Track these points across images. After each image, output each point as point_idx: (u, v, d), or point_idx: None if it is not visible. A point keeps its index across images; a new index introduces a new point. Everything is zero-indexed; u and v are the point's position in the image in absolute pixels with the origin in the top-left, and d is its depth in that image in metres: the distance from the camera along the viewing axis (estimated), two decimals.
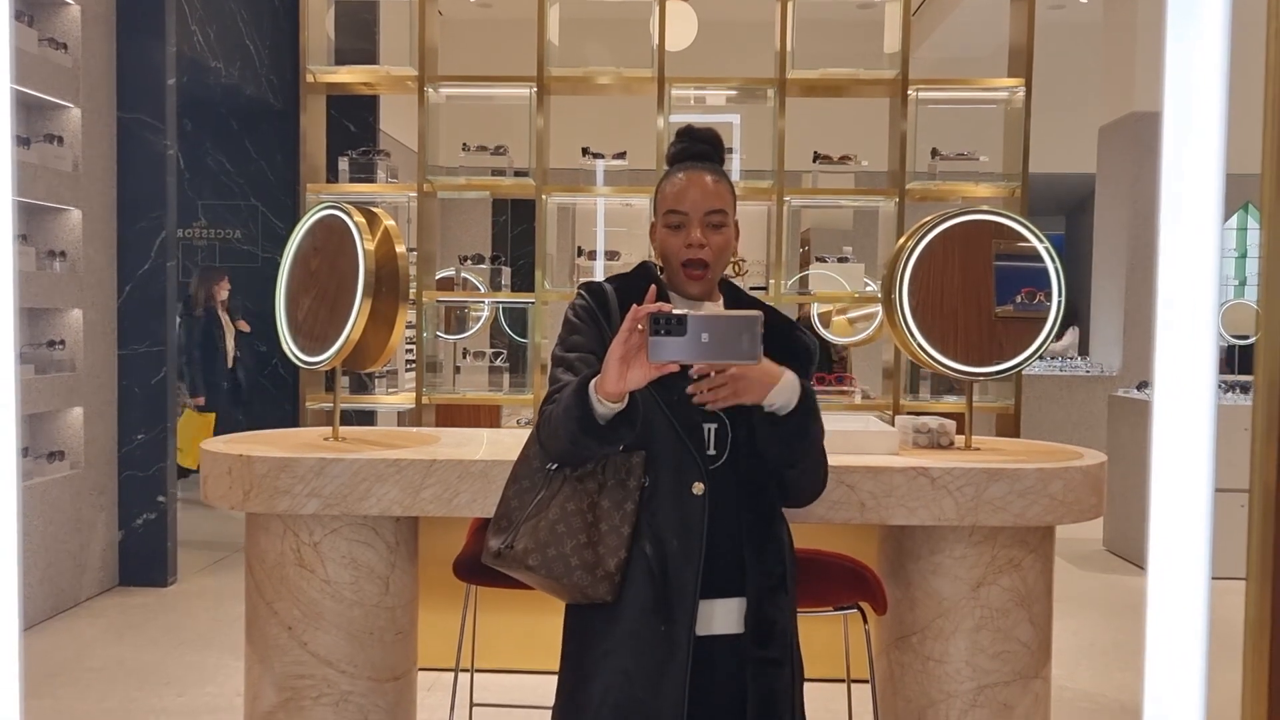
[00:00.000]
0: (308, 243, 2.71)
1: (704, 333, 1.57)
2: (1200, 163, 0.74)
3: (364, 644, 2.44)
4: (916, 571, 2.49)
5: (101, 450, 4.95)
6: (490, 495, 2.34)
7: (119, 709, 3.53)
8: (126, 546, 5.08)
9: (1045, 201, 12.12)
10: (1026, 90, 4.44)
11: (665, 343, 1.57)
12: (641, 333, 1.58)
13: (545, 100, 4.62)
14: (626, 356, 1.60)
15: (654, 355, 1.57)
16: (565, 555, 1.75)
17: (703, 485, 1.76)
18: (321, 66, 4.74)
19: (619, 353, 1.60)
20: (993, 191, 4.59)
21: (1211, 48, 0.71)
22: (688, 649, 1.74)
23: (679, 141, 1.93)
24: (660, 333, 1.57)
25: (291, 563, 2.41)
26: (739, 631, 1.82)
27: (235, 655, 4.04)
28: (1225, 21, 0.70)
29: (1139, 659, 1.96)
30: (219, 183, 8.21)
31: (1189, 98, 0.76)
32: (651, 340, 1.57)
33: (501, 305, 6.19)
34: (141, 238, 5.04)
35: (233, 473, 2.40)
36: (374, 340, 2.63)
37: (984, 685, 2.43)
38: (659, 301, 1.62)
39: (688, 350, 1.58)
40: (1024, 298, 2.77)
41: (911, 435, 2.69)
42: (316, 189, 4.66)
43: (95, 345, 4.88)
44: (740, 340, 1.59)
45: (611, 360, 1.61)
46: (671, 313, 1.57)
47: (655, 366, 1.59)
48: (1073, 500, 2.37)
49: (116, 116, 5.01)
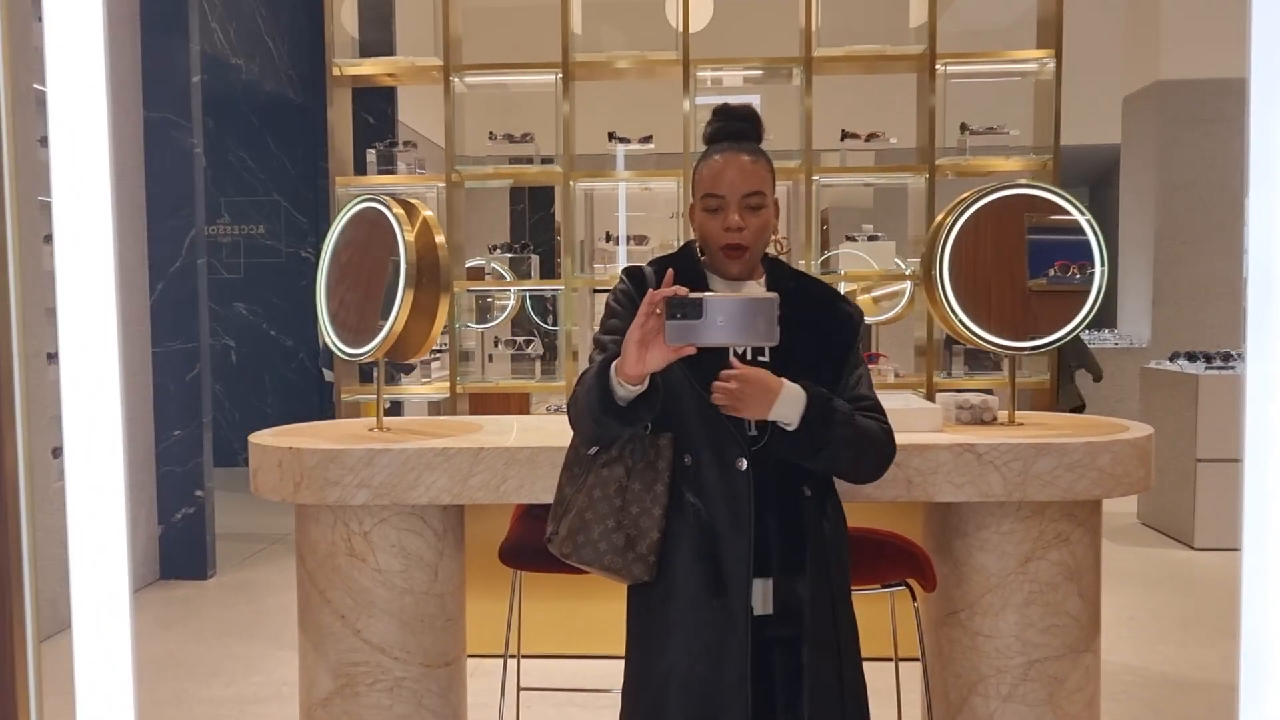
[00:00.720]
0: (344, 236, 2.73)
1: (720, 315, 1.59)
2: None
3: (415, 630, 2.46)
4: (963, 548, 2.49)
5: (139, 447, 5.00)
6: (537, 481, 2.35)
7: (172, 700, 3.58)
8: (166, 541, 5.13)
9: (1069, 173, 12.00)
10: (1057, 61, 4.39)
11: (682, 326, 1.58)
12: (659, 316, 1.60)
13: (570, 86, 4.62)
14: (645, 340, 1.61)
15: (671, 338, 1.59)
16: (593, 541, 1.78)
17: (745, 461, 1.77)
18: (346, 59, 4.75)
19: (637, 336, 1.62)
20: (1023, 165, 4.55)
21: None
22: (746, 624, 1.75)
23: (715, 120, 1.91)
24: (677, 316, 1.58)
25: (343, 552, 2.43)
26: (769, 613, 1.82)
27: (279, 645, 4.08)
28: None
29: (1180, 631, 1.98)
30: (241, 179, 8.26)
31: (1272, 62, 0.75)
32: (668, 324, 1.59)
33: (528, 293, 6.20)
34: (171, 236, 5.07)
35: (283, 465, 2.42)
36: (415, 331, 2.64)
37: (1034, 660, 2.43)
38: (689, 285, 1.64)
39: (704, 333, 1.59)
40: (1057, 271, 2.76)
41: (954, 412, 2.68)
42: (345, 182, 4.67)
43: (129, 344, 4.92)
44: (756, 323, 1.60)
45: (630, 343, 1.62)
46: (687, 296, 1.58)
47: (673, 350, 1.60)
48: (1121, 473, 2.37)
49: (143, 115, 5.04)
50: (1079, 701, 2.46)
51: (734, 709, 1.75)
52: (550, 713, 3.42)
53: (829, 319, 1.91)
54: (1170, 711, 3.43)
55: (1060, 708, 2.44)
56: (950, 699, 2.54)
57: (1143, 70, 7.97)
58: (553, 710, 3.44)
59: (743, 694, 1.75)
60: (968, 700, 2.50)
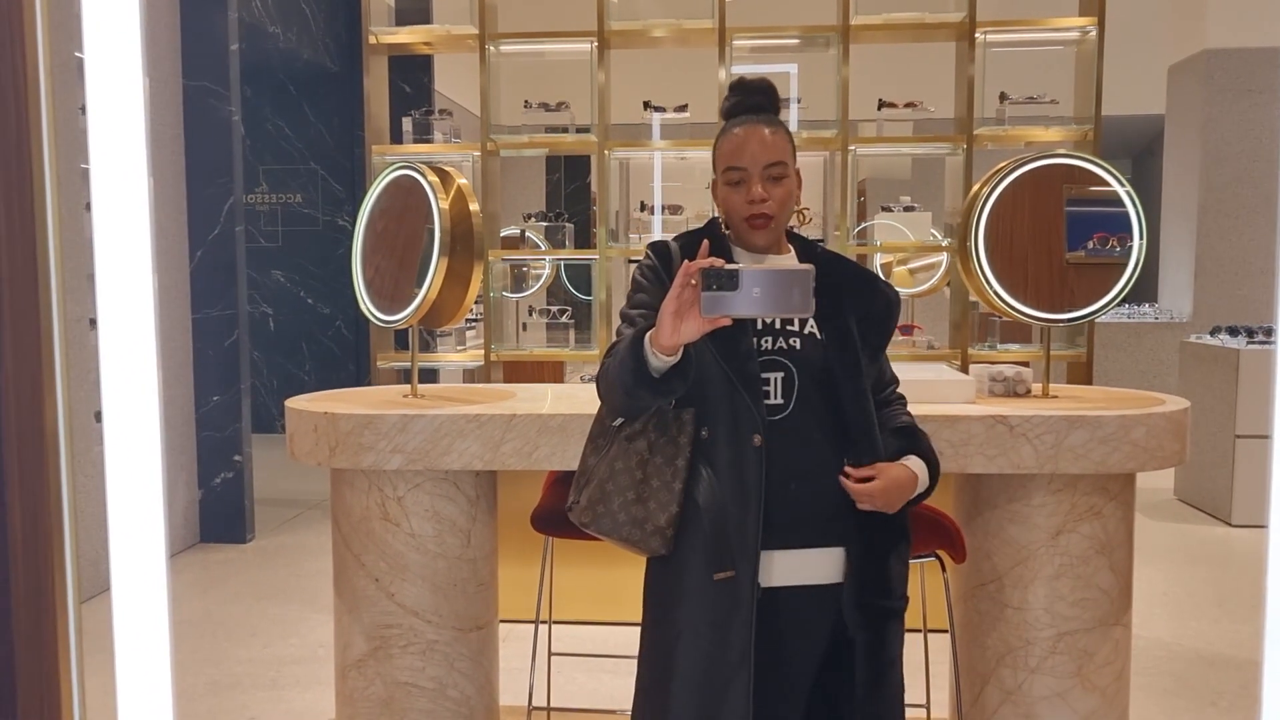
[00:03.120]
0: (379, 203, 2.75)
1: (755, 287, 1.59)
2: None
3: (448, 595, 2.50)
4: (994, 520, 2.48)
5: (179, 412, 5.08)
6: (569, 449, 2.38)
7: (210, 660, 3.66)
8: (206, 505, 5.23)
9: (1112, 144, 11.81)
10: (1100, 30, 4.31)
11: (717, 297, 1.59)
12: (694, 288, 1.60)
13: (606, 55, 4.60)
14: (680, 311, 1.62)
15: (706, 310, 1.60)
16: (613, 512, 1.80)
17: (760, 437, 1.77)
18: (382, 28, 4.76)
19: (672, 307, 1.62)
20: (1064, 135, 4.48)
21: None
22: (751, 600, 1.76)
23: (732, 95, 1.93)
24: (712, 288, 1.59)
25: (377, 517, 2.47)
26: (837, 581, 1.84)
27: (315, 609, 4.16)
28: None
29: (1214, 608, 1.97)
30: (278, 148, 8.32)
31: None
32: (704, 295, 1.59)
33: (562, 262, 6.21)
34: (210, 204, 5.13)
35: (318, 430, 2.46)
36: (449, 298, 2.67)
37: (1064, 632, 2.43)
38: (718, 257, 1.64)
39: (740, 304, 1.60)
40: (1096, 243, 2.73)
41: (987, 384, 2.67)
42: (381, 150, 4.69)
43: (169, 310, 5.00)
44: (792, 294, 1.60)
45: (665, 314, 1.63)
46: (723, 268, 1.59)
47: (708, 320, 1.61)
48: (1155, 446, 2.35)
49: (182, 84, 5.08)
50: (1108, 675, 2.46)
51: (737, 683, 1.76)
52: (581, 678, 3.46)
53: (870, 300, 1.91)
54: (1202, 686, 3.41)
55: (1089, 680, 2.44)
56: (978, 670, 2.55)
57: (1189, 39, 7.80)
58: (583, 675, 3.48)
59: (745, 669, 1.76)
60: (996, 672, 2.50)
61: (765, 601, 1.79)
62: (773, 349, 1.83)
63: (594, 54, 4.61)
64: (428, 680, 2.50)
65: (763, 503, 1.77)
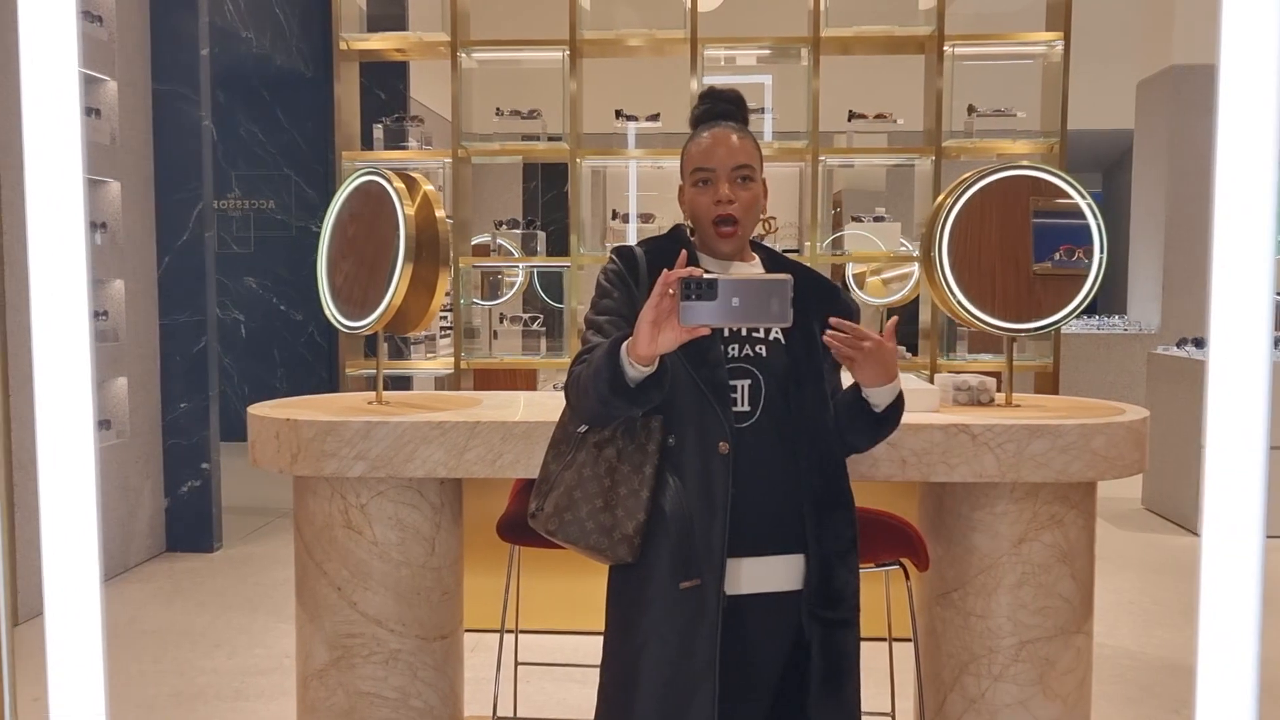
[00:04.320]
0: (346, 209, 2.74)
1: (734, 297, 1.59)
2: (1256, 114, 0.74)
3: (411, 603, 2.48)
4: (958, 528, 2.50)
5: (146, 419, 5.04)
6: (534, 456, 2.37)
7: (173, 670, 3.62)
8: (173, 513, 5.18)
9: (1082, 158, 11.94)
10: (1065, 44, 4.36)
11: (696, 307, 1.59)
12: (673, 297, 1.60)
13: (578, 64, 4.61)
14: (658, 320, 1.61)
15: (685, 319, 1.60)
16: (581, 520, 1.79)
17: (728, 445, 1.77)
18: (354, 34, 4.75)
19: (650, 316, 1.62)
20: (1031, 148, 4.53)
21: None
22: (717, 609, 1.76)
23: (702, 103, 1.94)
24: (691, 297, 1.59)
25: (339, 524, 2.45)
26: (798, 588, 1.84)
27: (281, 618, 4.12)
28: None
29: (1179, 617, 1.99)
30: (251, 153, 8.27)
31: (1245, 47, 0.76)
32: (683, 304, 1.59)
33: (536, 270, 6.21)
34: (179, 209, 5.09)
35: (280, 437, 2.44)
36: (415, 305, 2.66)
37: (1026, 640, 2.44)
38: (690, 266, 1.64)
39: (718, 314, 1.60)
40: (1063, 255, 2.75)
41: (952, 393, 2.68)
42: (352, 156, 4.68)
43: (137, 315, 4.95)
44: (770, 304, 1.60)
45: (643, 323, 1.62)
46: (702, 277, 1.59)
47: (686, 330, 1.61)
48: (1115, 455, 2.37)
49: (152, 89, 5.05)
50: (1070, 683, 2.47)
51: (701, 692, 1.76)
52: (549, 687, 3.45)
53: (831, 308, 1.92)
54: (1166, 695, 3.44)
55: (1051, 688, 2.45)
56: (942, 678, 2.56)
57: (1157, 55, 7.90)
58: (551, 685, 3.47)
59: (710, 677, 1.75)
60: (959, 680, 2.51)
61: (730, 609, 1.79)
62: (739, 356, 1.83)
63: (566, 62, 4.61)
64: (391, 690, 2.49)
65: (729, 511, 1.77)
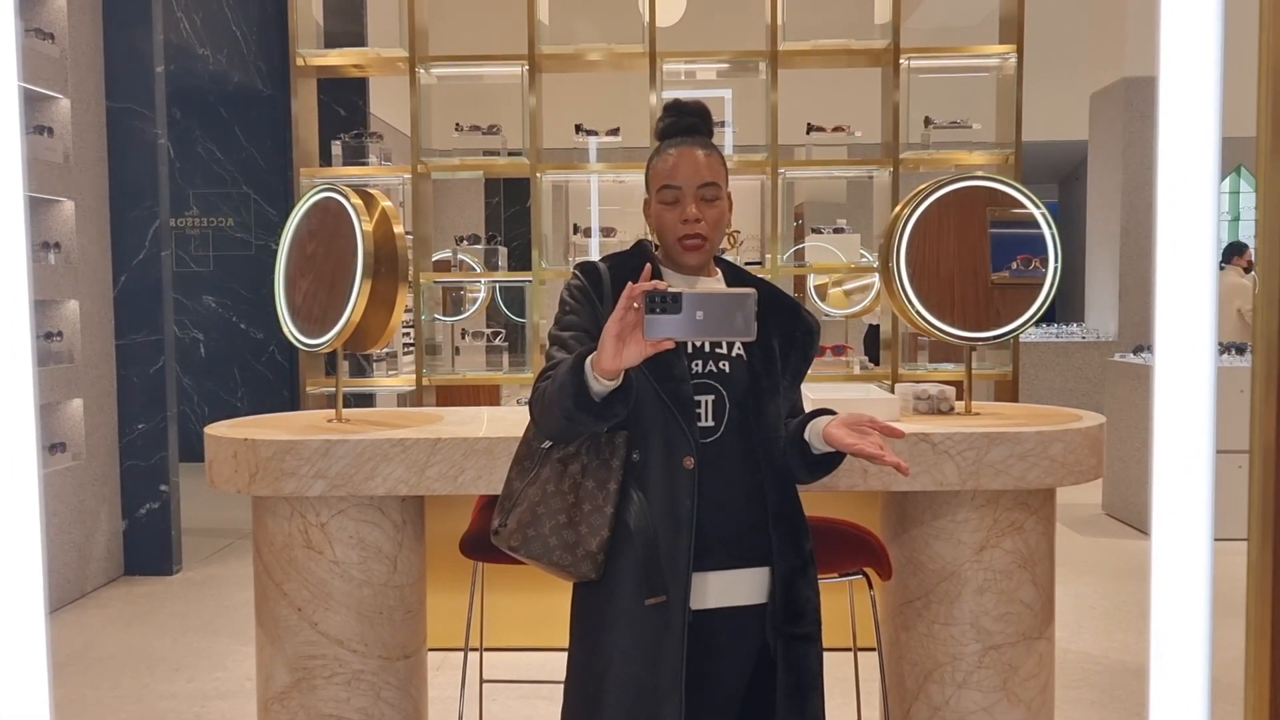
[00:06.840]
0: (304, 226, 2.71)
1: (699, 310, 1.59)
2: (1197, 127, 0.75)
3: (374, 623, 2.46)
4: (920, 537, 2.51)
5: (102, 441, 4.96)
6: (495, 472, 2.35)
7: (131, 696, 3.56)
8: (131, 536, 5.09)
9: (1039, 169, 12.11)
10: (1018, 57, 4.43)
11: (661, 320, 1.59)
12: (637, 311, 1.60)
13: (537, 79, 4.61)
14: (622, 334, 1.61)
15: (650, 333, 1.59)
16: (544, 536, 1.78)
17: (693, 460, 1.77)
18: (311, 50, 4.72)
19: (615, 330, 1.61)
20: (986, 159, 4.59)
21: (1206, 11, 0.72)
22: (683, 624, 1.75)
23: (667, 116, 1.93)
24: (656, 310, 1.59)
25: (299, 544, 2.42)
26: (763, 602, 1.84)
27: (242, 641, 4.06)
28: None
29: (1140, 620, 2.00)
30: (210, 171, 8.20)
31: (1184, 61, 0.77)
32: (647, 318, 1.59)
33: (498, 285, 6.19)
34: (135, 227, 5.03)
35: (238, 456, 2.41)
36: (374, 322, 2.64)
37: (989, 647, 2.46)
38: (654, 280, 1.64)
39: (683, 327, 1.60)
40: (1020, 264, 2.78)
41: (912, 402, 2.70)
42: (310, 173, 4.65)
43: (93, 336, 4.88)
44: (735, 318, 1.61)
45: (608, 338, 1.62)
46: (667, 291, 1.59)
47: (651, 344, 1.60)
48: (1073, 462, 2.39)
49: (106, 106, 4.99)
50: (1033, 688, 2.49)
51: (668, 708, 1.75)
52: (515, 705, 3.42)
53: (793, 325, 1.93)
54: (1128, 698, 3.47)
55: (1014, 694, 2.47)
56: (907, 686, 2.57)
57: (1109, 67, 8.04)
58: (517, 703, 3.44)
59: (676, 694, 1.75)
60: (924, 688, 2.52)
61: (695, 624, 1.79)
62: (704, 372, 1.83)
63: (526, 77, 4.61)
64: (353, 711, 2.45)
65: (694, 526, 1.77)
